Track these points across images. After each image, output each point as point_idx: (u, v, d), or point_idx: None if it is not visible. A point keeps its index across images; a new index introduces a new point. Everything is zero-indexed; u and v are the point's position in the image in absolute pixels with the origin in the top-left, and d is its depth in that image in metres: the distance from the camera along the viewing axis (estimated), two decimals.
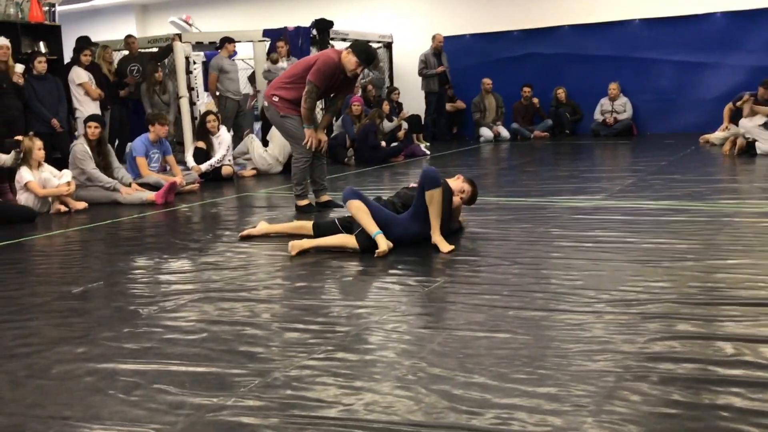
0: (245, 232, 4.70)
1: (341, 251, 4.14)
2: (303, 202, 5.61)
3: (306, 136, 5.40)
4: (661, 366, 2.27)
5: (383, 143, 9.47)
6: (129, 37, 9.87)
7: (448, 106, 12.17)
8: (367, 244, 4.07)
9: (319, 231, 4.39)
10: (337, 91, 5.56)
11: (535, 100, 11.68)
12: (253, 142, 8.65)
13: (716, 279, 3.22)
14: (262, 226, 4.77)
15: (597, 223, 4.59)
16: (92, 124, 6.76)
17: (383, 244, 3.96)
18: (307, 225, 4.57)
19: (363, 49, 5.28)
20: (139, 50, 9.87)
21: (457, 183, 4.46)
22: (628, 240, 4.06)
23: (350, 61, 5.21)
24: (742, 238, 3.98)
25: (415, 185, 4.33)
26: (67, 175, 6.35)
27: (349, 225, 4.27)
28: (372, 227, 4.01)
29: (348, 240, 4.17)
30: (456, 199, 4.34)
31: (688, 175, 6.55)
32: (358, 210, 4.06)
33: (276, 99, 5.44)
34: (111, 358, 2.58)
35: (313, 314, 2.98)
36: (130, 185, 6.71)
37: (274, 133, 8.36)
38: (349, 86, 5.60)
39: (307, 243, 4.20)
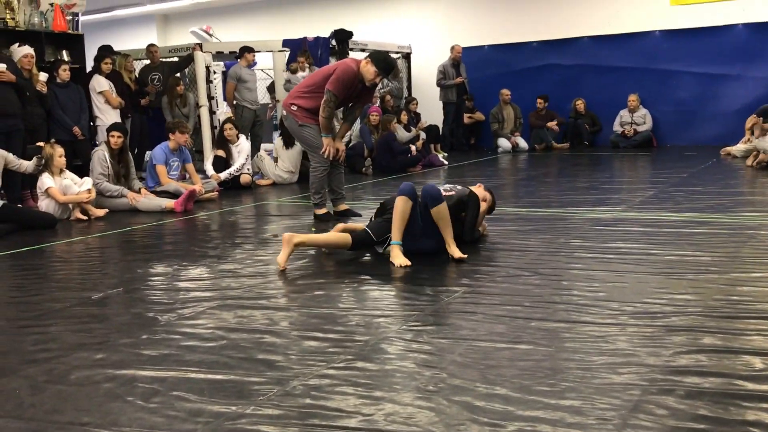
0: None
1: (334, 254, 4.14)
2: (321, 211, 5.60)
3: (324, 145, 5.40)
4: (687, 380, 2.23)
5: (413, 147, 9.52)
6: (151, 46, 9.96)
7: (466, 118, 12.15)
8: (359, 241, 4.11)
9: (356, 244, 4.20)
10: (356, 101, 5.56)
11: (552, 125, 11.63)
12: (263, 160, 8.61)
13: (742, 292, 3.16)
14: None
15: (618, 234, 4.54)
16: (115, 133, 6.82)
17: (398, 257, 3.94)
18: (345, 240, 4.22)
19: (382, 59, 5.28)
20: (161, 59, 9.95)
21: (479, 191, 4.49)
22: (650, 252, 4.00)
23: (369, 70, 5.21)
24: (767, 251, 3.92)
25: (448, 193, 4.35)
26: (87, 182, 6.40)
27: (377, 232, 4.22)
28: (397, 234, 3.99)
29: (344, 239, 4.17)
30: (484, 205, 4.43)
31: (709, 187, 6.47)
32: (402, 210, 4.00)
33: (294, 108, 5.45)
34: (130, 365, 2.57)
35: (332, 323, 2.96)
36: (139, 191, 6.75)
37: (280, 148, 8.37)
38: (367, 96, 5.60)
39: (299, 237, 4.07)
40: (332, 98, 5.24)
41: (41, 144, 6.41)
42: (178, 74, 9.73)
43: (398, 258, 3.93)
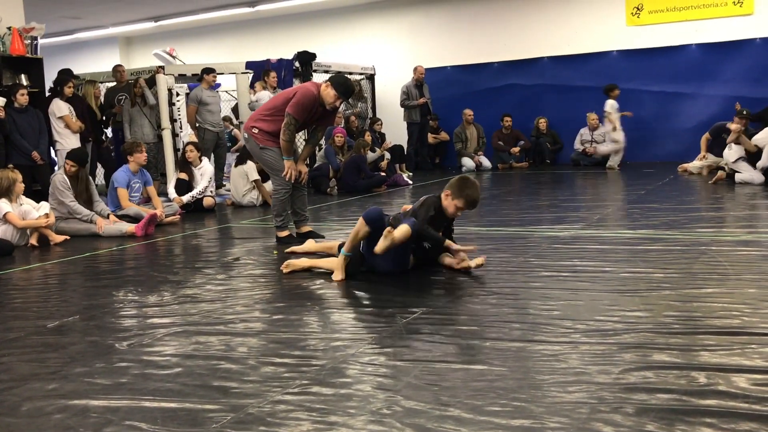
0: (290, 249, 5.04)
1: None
2: (283, 234, 5.60)
3: (285, 167, 5.42)
4: (636, 397, 2.28)
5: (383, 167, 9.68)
6: (118, 66, 9.85)
7: (431, 138, 12.28)
8: (350, 270, 4.18)
9: (352, 268, 4.24)
10: (318, 123, 5.60)
11: (515, 151, 11.82)
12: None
13: (692, 308, 3.25)
14: (309, 245, 5.03)
15: (575, 252, 4.62)
16: (68, 161, 6.80)
17: (339, 272, 4.12)
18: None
19: (342, 83, 5.33)
20: (128, 80, 9.84)
21: (450, 204, 4.26)
22: (605, 269, 4.09)
23: (329, 94, 5.25)
24: (718, 266, 4.02)
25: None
26: (45, 207, 6.31)
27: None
28: (348, 246, 4.15)
29: (338, 263, 4.28)
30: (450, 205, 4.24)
31: (666, 203, 6.63)
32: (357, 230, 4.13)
33: (255, 131, 5.46)
34: (83, 395, 2.54)
35: (290, 347, 2.97)
36: (108, 217, 6.69)
37: (233, 167, 8.41)
38: (329, 118, 5.64)
39: (302, 263, 4.47)
40: (292, 121, 5.27)
41: None
42: (138, 78, 9.60)
43: (338, 272, 4.13)
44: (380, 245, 3.91)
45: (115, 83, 9.96)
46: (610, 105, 10.56)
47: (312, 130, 5.75)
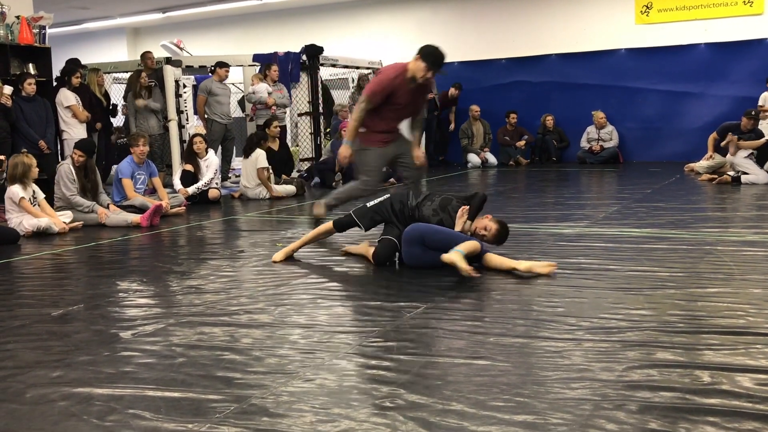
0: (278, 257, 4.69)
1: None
2: (320, 212, 5.31)
3: (341, 153, 5.11)
4: (639, 394, 2.27)
5: None
6: (147, 53, 9.75)
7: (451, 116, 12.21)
8: (383, 257, 4.29)
9: (341, 227, 4.50)
10: (413, 107, 5.12)
11: (521, 144, 11.76)
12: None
13: (696, 307, 3.24)
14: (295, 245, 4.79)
15: (580, 249, 4.61)
16: (77, 152, 6.79)
17: (464, 264, 3.88)
18: (327, 226, 4.72)
19: (430, 52, 4.79)
20: (153, 68, 9.72)
21: (484, 222, 4.38)
22: (610, 267, 4.08)
23: (419, 67, 4.81)
24: (723, 266, 4.01)
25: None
26: (68, 216, 6.37)
27: (362, 217, 4.50)
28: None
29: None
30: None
31: (672, 203, 6.61)
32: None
33: (362, 130, 5.09)
34: (87, 382, 2.55)
35: (294, 339, 2.97)
36: (108, 207, 6.72)
37: (243, 159, 8.41)
38: (422, 96, 5.16)
39: (359, 249, 4.62)
40: (365, 101, 4.91)
41: (2, 157, 6.37)
42: (141, 70, 9.55)
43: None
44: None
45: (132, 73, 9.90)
46: (765, 98, 9.55)
47: (414, 119, 5.30)
